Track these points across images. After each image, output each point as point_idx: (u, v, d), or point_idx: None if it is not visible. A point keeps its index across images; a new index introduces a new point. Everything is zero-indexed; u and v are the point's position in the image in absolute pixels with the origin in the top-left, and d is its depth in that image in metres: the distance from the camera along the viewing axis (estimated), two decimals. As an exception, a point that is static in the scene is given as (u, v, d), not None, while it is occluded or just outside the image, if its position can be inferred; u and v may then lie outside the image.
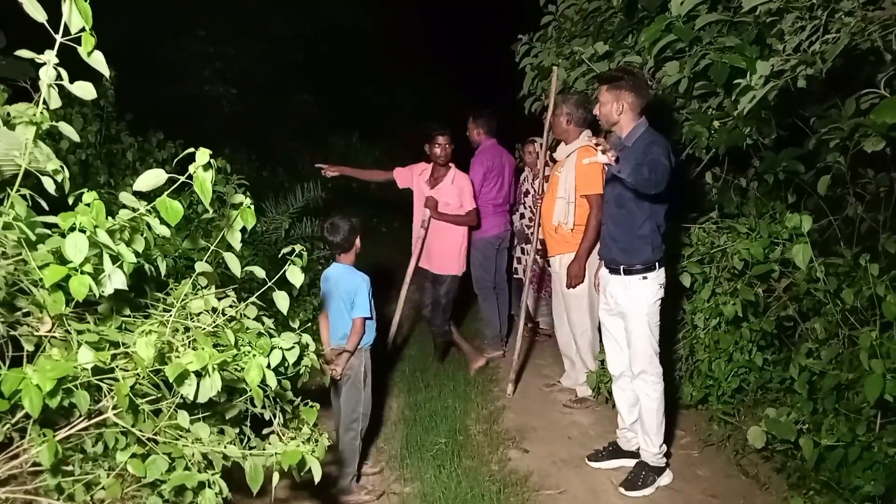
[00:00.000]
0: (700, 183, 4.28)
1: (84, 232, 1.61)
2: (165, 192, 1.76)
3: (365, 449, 3.42)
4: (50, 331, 1.80)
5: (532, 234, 4.45)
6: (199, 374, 1.88)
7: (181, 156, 1.80)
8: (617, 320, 3.26)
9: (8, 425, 1.86)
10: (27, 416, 1.80)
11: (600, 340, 3.80)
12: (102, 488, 1.93)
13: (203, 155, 1.81)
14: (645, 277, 3.10)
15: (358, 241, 3.21)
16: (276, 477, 2.00)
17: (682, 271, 3.59)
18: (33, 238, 1.72)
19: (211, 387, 1.91)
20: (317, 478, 2.03)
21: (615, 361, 3.33)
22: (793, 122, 3.79)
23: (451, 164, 4.54)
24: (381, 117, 12.61)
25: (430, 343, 5.03)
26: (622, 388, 3.34)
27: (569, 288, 3.86)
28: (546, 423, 3.85)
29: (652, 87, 4.20)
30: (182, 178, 1.80)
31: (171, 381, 1.79)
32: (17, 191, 1.72)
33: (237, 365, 2.15)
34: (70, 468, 1.97)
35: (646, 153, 2.88)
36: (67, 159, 4.75)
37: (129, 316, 2.08)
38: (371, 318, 3.15)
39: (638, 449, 3.27)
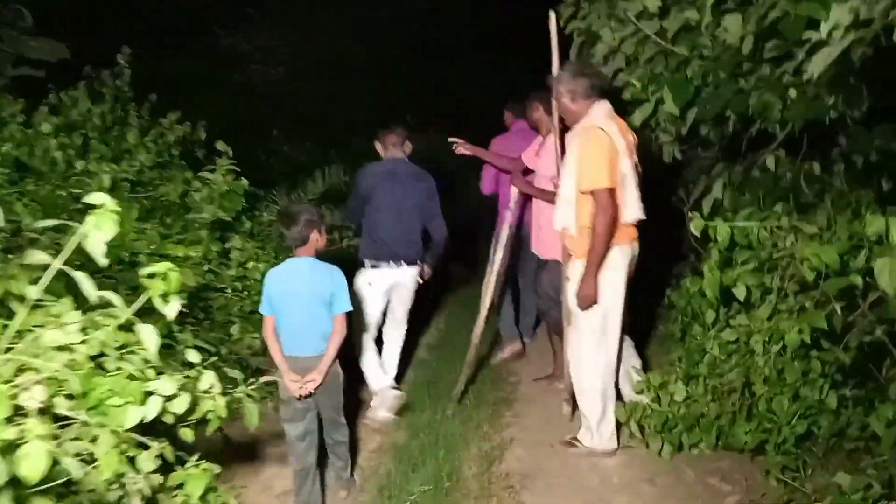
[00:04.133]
0: (765, 168, 3.47)
1: None
2: None
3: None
4: None
5: None
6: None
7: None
8: None
9: None
10: None
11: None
12: None
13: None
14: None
15: (316, 235, 2.88)
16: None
17: (736, 281, 2.82)
18: None
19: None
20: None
21: None
22: (890, 89, 2.93)
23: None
24: (433, 100, 12.22)
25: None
26: None
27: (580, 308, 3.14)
28: (558, 466, 3.16)
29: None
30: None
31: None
32: None
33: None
34: None
35: None
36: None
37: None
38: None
39: None
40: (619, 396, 3.34)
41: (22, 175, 4.03)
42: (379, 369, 3.81)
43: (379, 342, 3.97)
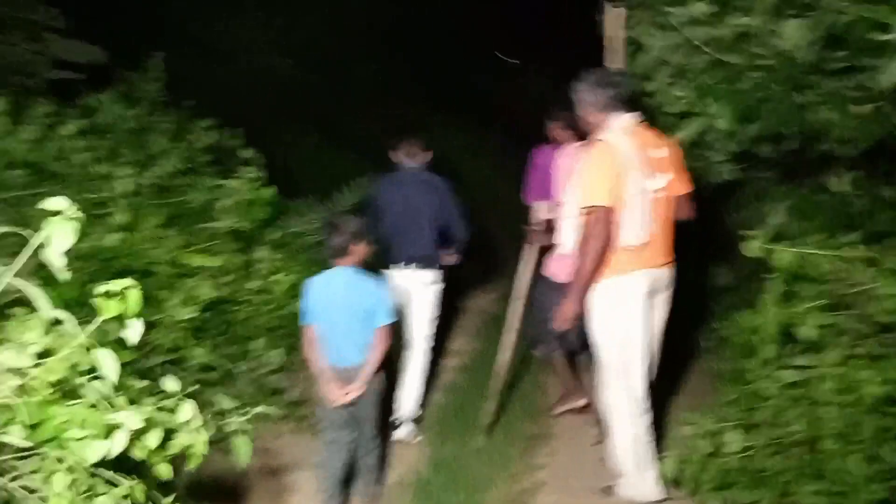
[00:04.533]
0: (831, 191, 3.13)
1: None
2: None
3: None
4: None
5: None
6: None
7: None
8: None
9: None
10: None
11: None
12: None
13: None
14: None
15: (360, 247, 2.87)
16: None
17: (803, 320, 2.46)
18: None
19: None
20: None
21: None
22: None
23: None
24: (455, 89, 11.45)
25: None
26: None
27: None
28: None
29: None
30: None
31: None
32: None
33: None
34: None
35: None
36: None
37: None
38: None
39: None
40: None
41: (40, 179, 3.90)
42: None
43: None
